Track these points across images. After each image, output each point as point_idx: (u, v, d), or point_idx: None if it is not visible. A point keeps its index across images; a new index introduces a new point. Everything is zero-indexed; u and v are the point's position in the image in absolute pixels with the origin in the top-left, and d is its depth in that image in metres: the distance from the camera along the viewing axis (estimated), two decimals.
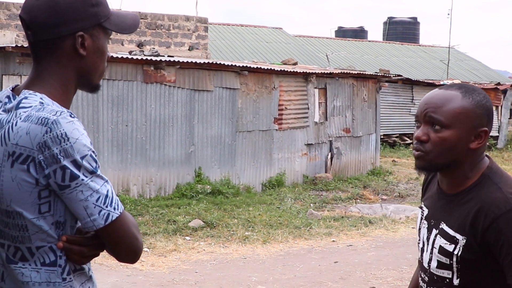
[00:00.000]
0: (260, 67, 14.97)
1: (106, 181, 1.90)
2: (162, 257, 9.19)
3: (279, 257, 9.52)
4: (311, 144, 16.57)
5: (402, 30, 51.09)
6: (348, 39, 41.89)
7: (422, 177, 2.73)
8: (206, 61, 14.35)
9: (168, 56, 14.31)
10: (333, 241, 10.65)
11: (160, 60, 12.86)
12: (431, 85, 28.35)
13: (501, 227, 2.17)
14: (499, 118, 30.54)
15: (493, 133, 30.02)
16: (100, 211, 1.84)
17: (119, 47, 18.07)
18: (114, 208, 1.87)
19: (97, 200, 1.84)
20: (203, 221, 11.06)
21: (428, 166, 2.41)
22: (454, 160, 2.33)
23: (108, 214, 1.86)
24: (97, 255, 2.00)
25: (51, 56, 1.94)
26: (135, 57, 12.59)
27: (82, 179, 1.83)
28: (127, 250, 1.94)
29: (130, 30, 2.08)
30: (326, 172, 16.98)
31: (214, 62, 14.03)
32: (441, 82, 29.22)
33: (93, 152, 1.89)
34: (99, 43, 1.98)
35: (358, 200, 14.70)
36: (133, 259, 1.99)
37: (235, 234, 10.57)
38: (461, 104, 2.28)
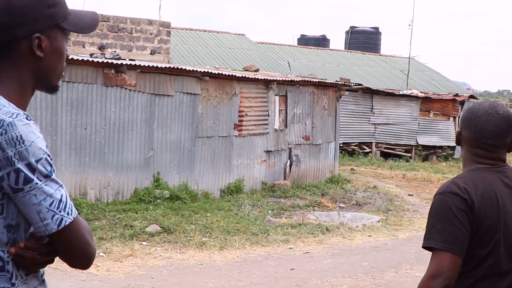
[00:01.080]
0: (222, 73, 14.98)
1: (61, 185, 1.87)
2: (118, 262, 9.12)
3: (235, 263, 9.53)
4: (271, 151, 16.62)
5: (364, 40, 51.48)
6: (310, 47, 42.10)
7: (379, 186, 2.89)
8: (167, 65, 14.31)
9: (130, 59, 14.23)
10: (290, 248, 10.69)
11: (121, 63, 12.79)
12: (390, 95, 28.69)
13: None
14: (456, 129, 30.94)
15: (451, 143, 30.47)
16: (53, 215, 1.82)
17: (80, 49, 17.92)
18: (68, 213, 1.84)
19: (50, 205, 1.82)
20: (161, 227, 11.02)
21: None
22: None
23: (61, 219, 1.83)
24: (51, 261, 1.97)
25: (7, 58, 1.92)
26: (95, 60, 12.48)
27: (36, 183, 1.80)
28: (80, 256, 1.92)
29: (89, 30, 2.04)
30: (284, 179, 17.05)
31: (175, 67, 13.99)
32: (401, 92, 29.58)
33: (49, 155, 1.86)
34: (56, 44, 1.96)
35: (316, 207, 14.78)
36: (85, 265, 1.97)
37: (192, 240, 10.55)
38: None
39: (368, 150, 28.31)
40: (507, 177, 2.79)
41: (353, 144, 27.85)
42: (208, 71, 14.82)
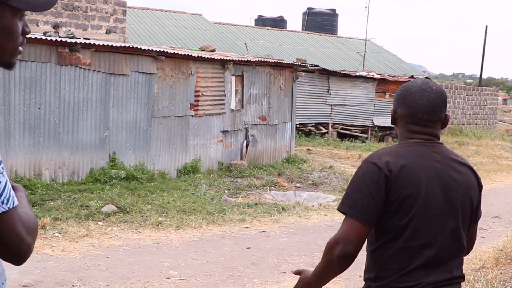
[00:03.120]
0: (177, 53, 14.89)
1: (1, 173, 1.75)
2: (73, 242, 9.06)
3: (192, 242, 9.55)
4: (227, 131, 16.62)
5: (321, 21, 51.66)
6: (267, 28, 42.06)
7: (335, 166, 2.98)
8: (123, 44, 14.17)
9: (84, 38, 14.04)
10: (246, 227, 10.75)
11: (75, 42, 12.60)
12: (347, 76, 28.87)
13: None
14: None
15: None
16: None
17: (33, 27, 17.61)
18: (3, 202, 1.72)
19: None
20: (116, 207, 10.96)
21: None
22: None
23: None
24: None
25: None
26: (49, 39, 12.29)
27: None
28: (9, 250, 1.78)
29: (43, 8, 1.91)
30: (241, 159, 17.08)
31: (131, 46, 13.86)
32: (357, 74, 29.77)
33: None
34: (3, 22, 1.84)
35: (273, 187, 14.86)
36: (15, 260, 1.84)
37: (149, 219, 10.53)
38: None
39: (324, 130, 28.48)
40: (437, 153, 2.81)
41: (310, 124, 27.99)
42: (164, 51, 14.70)
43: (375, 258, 2.76)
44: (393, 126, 3.00)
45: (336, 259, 2.66)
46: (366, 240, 2.75)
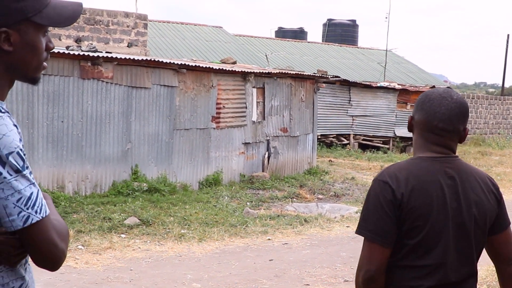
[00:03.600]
0: (199, 65, 14.96)
1: (33, 183, 1.84)
2: (96, 255, 9.10)
3: (214, 255, 9.55)
4: (249, 143, 16.63)
5: (341, 32, 51.64)
6: (287, 39, 42.12)
7: (357, 177, 2.92)
8: (144, 58, 14.26)
9: (106, 52, 14.15)
10: (269, 239, 10.73)
11: (98, 56, 12.72)
12: (368, 87, 28.80)
13: None
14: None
15: None
16: (20, 212, 1.79)
17: (56, 42, 17.79)
18: (36, 212, 1.82)
19: (18, 201, 1.79)
20: (139, 219, 11.00)
21: None
22: None
23: (28, 217, 1.81)
24: (25, 256, 1.95)
25: None
26: (72, 52, 12.40)
27: (5, 177, 1.77)
28: (44, 257, 1.89)
29: (66, 23, 2.01)
30: (263, 171, 17.08)
31: (152, 59, 13.94)
32: (378, 84, 29.70)
33: (21, 150, 1.83)
34: (27, 38, 1.91)
35: (294, 199, 14.83)
36: (50, 266, 1.94)
37: (171, 232, 10.55)
38: None
39: (346, 142, 28.41)
40: (451, 168, 2.72)
41: (331, 136, 27.94)
42: (185, 64, 14.77)
43: (388, 277, 2.69)
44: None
45: (362, 285, 2.66)
46: None
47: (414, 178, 2.66)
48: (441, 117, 2.71)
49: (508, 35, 47.16)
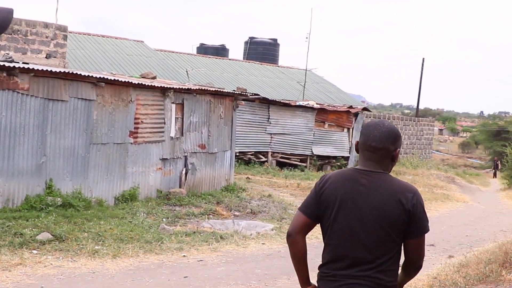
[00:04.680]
0: (117, 79, 14.82)
1: None
2: (6, 271, 8.87)
3: (128, 271, 9.46)
4: (166, 159, 16.57)
5: (262, 51, 52.18)
6: (209, 56, 42.26)
7: (274, 195, 4.43)
8: (62, 70, 14.04)
9: (23, 62, 13.86)
10: (184, 256, 10.70)
11: (14, 66, 12.44)
12: (287, 105, 29.15)
13: None
14: (350, 140, 31.77)
15: (345, 154, 31.22)
16: None
17: None
18: None
19: None
20: (52, 235, 10.79)
21: None
22: None
23: None
24: None
25: None
26: None
27: None
28: None
29: None
30: (180, 187, 17.03)
31: (70, 72, 13.74)
32: (297, 103, 30.10)
33: None
34: None
35: (211, 215, 14.85)
36: None
37: (85, 248, 10.39)
38: None
39: (264, 159, 28.63)
40: (367, 179, 3.58)
41: (249, 153, 28.11)
42: (104, 77, 14.61)
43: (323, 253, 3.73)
44: (331, 155, 3.78)
45: (286, 238, 3.77)
46: None
47: (334, 179, 3.65)
48: (373, 138, 3.59)
49: (423, 58, 48.69)
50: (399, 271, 3.70)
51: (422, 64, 48.36)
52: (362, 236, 3.51)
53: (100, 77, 14.46)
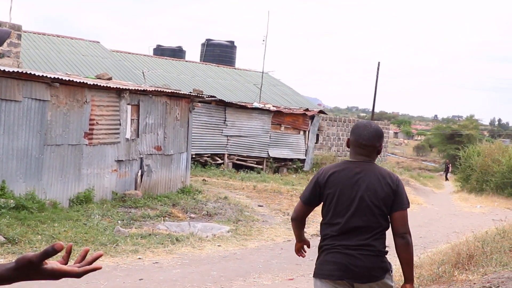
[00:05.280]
0: (72, 80, 14.64)
1: None
2: None
3: None
4: (122, 160, 16.45)
5: (219, 53, 52.15)
6: (165, 57, 42.04)
7: (230, 197, 4.97)
8: (15, 69, 13.82)
9: None
10: (139, 258, 10.64)
11: None
12: (243, 108, 29.18)
13: None
14: (306, 143, 31.95)
15: (301, 156, 31.35)
16: None
17: None
18: None
19: None
20: (4, 237, 10.62)
21: None
22: None
23: None
24: None
25: None
26: None
27: None
28: None
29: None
30: (135, 189, 16.92)
31: (24, 72, 13.55)
32: (253, 105, 30.14)
33: None
34: None
35: (167, 218, 14.78)
36: None
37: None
38: None
39: (220, 161, 28.61)
40: (360, 168, 4.48)
41: (206, 155, 28.07)
42: (58, 78, 14.44)
43: (320, 230, 4.64)
44: (288, 158, 4.08)
45: (291, 219, 4.83)
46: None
47: (335, 170, 4.52)
48: (363, 138, 4.49)
49: (379, 62, 49.16)
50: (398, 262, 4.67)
51: (378, 68, 48.88)
52: (361, 212, 4.42)
53: (54, 77, 14.28)
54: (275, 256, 11.62)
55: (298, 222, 4.76)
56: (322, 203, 4.60)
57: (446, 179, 48.91)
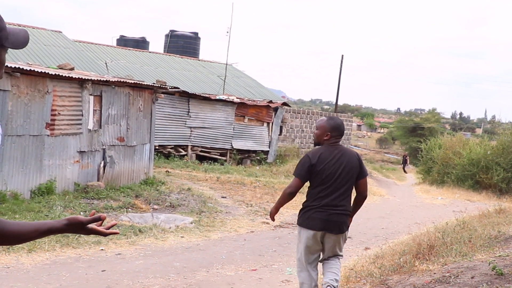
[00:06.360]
0: (34, 70, 14.47)
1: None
2: None
3: (44, 266, 9.28)
4: (84, 151, 16.31)
5: (183, 44, 51.93)
6: (129, 48, 41.75)
7: (194, 188, 5.62)
8: None
9: None
10: (102, 249, 10.58)
11: None
12: (207, 99, 29.13)
13: None
14: (270, 134, 32.01)
15: (264, 148, 31.41)
16: None
17: None
18: None
19: None
20: None
21: None
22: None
23: None
24: None
25: None
26: None
27: None
28: None
29: (23, 46, 2.44)
30: (98, 180, 16.80)
31: None
32: (217, 97, 30.10)
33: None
34: (1, 57, 2.40)
35: (130, 209, 14.71)
36: None
37: None
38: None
39: (184, 153, 28.54)
40: (337, 149, 6.38)
41: (169, 146, 27.98)
42: (19, 67, 14.24)
43: (307, 194, 6.43)
44: (251, 150, 7.06)
45: (286, 194, 6.41)
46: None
47: (319, 153, 6.31)
48: (337, 129, 6.42)
49: (342, 55, 49.51)
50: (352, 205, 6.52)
51: (341, 61, 49.21)
52: (342, 180, 6.28)
53: (15, 67, 14.08)
54: (238, 247, 11.64)
55: (293, 195, 6.38)
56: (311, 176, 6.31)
57: (404, 171, 49.36)
